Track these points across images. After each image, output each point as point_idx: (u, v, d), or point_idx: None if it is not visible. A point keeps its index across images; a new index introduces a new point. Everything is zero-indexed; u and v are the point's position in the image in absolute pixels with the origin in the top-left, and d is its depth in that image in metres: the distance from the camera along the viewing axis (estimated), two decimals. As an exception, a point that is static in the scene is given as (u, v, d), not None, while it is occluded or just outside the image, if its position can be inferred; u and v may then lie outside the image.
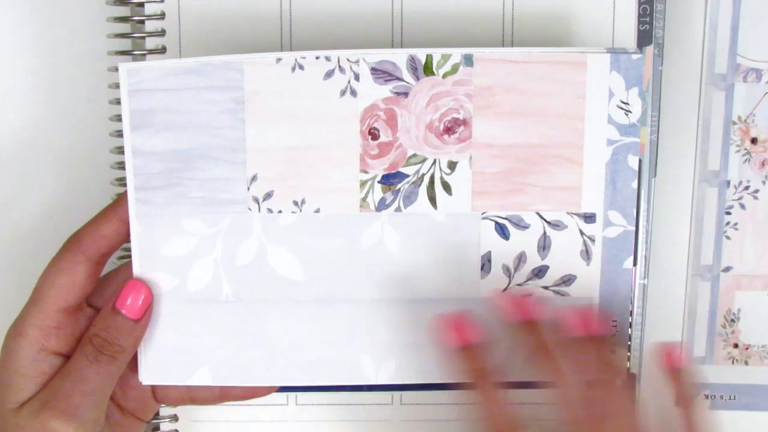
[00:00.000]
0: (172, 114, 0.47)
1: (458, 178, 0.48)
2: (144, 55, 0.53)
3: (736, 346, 0.58)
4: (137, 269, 0.49)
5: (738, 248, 0.57)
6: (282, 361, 0.50)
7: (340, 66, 0.47)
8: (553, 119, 0.48)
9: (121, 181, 0.55)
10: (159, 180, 0.48)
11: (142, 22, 0.53)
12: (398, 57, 0.47)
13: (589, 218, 0.48)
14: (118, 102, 0.54)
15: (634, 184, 0.48)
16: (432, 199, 0.49)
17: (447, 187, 0.49)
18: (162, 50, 0.53)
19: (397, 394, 0.57)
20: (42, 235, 0.57)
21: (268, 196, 0.48)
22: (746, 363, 0.58)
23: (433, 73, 0.47)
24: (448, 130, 0.48)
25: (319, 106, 0.48)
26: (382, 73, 0.47)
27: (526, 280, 0.49)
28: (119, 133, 0.55)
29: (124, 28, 0.54)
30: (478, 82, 0.47)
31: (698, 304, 0.58)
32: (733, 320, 0.58)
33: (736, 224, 0.57)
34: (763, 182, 0.57)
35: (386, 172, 0.48)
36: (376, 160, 0.48)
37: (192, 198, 0.48)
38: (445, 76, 0.47)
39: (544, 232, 0.49)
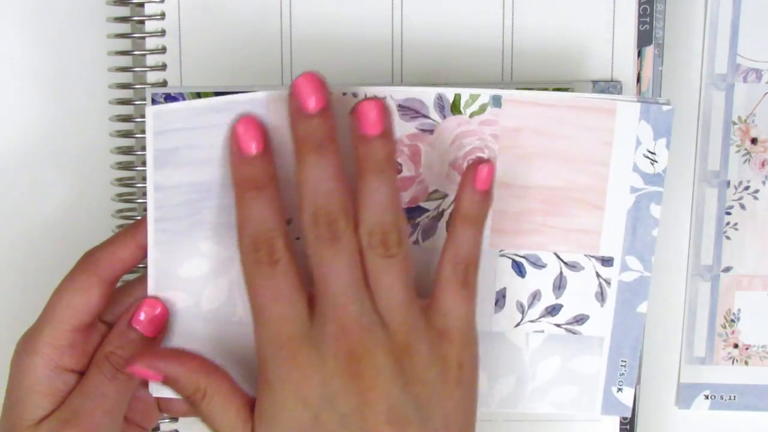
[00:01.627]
0: (195, 150, 0.46)
1: None
2: (144, 55, 0.53)
3: (736, 346, 0.58)
4: (152, 289, 0.48)
5: (738, 248, 0.57)
6: None
7: None
8: (578, 163, 0.47)
9: (121, 181, 0.55)
10: (179, 210, 0.47)
11: (142, 22, 0.53)
12: (426, 95, 0.46)
13: (607, 261, 0.48)
14: (118, 102, 0.55)
15: (655, 233, 0.47)
16: None
17: None
18: (162, 50, 0.53)
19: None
20: (42, 235, 0.57)
21: (287, 223, 0.47)
22: (746, 363, 0.58)
23: (460, 112, 0.46)
24: None
25: (344, 139, 0.46)
26: (408, 110, 0.46)
27: (540, 317, 0.49)
28: (119, 133, 0.55)
29: (124, 28, 0.54)
30: (505, 123, 0.47)
31: (698, 304, 0.58)
32: (733, 320, 0.58)
33: (736, 224, 0.57)
34: (763, 182, 0.57)
35: (407, 206, 0.48)
36: None
37: (210, 223, 0.47)
38: (472, 115, 0.46)
39: (561, 273, 0.48)
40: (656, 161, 0.47)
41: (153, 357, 0.46)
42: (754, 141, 0.56)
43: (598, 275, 0.48)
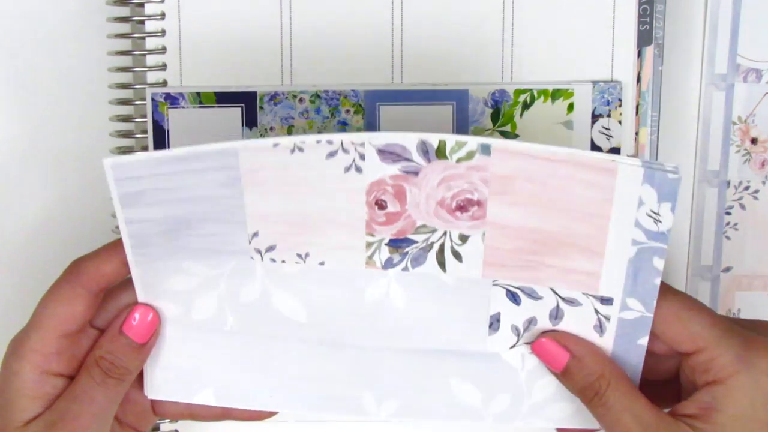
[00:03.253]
0: (164, 191, 0.45)
1: (470, 249, 0.46)
2: (144, 55, 0.53)
3: (735, 346, 0.58)
4: (141, 299, 0.48)
5: (738, 248, 0.57)
6: (285, 391, 0.50)
7: (343, 148, 0.44)
8: (576, 213, 0.44)
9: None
10: (156, 239, 0.46)
11: (142, 22, 0.53)
12: (408, 140, 0.43)
13: (606, 301, 0.46)
14: (118, 102, 0.55)
15: (657, 281, 0.44)
16: (441, 264, 0.46)
17: (457, 256, 0.46)
18: (162, 50, 0.53)
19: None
20: (42, 235, 0.57)
21: (271, 248, 0.47)
22: (746, 363, 0.58)
23: (446, 158, 0.43)
24: (461, 208, 0.45)
25: (322, 180, 0.44)
26: (389, 155, 0.44)
27: (536, 340, 0.48)
28: (119, 133, 0.55)
29: (124, 28, 0.54)
30: (495, 171, 0.43)
31: (698, 304, 0.58)
32: (732, 320, 0.58)
33: (736, 224, 0.57)
34: (763, 182, 0.57)
35: (394, 237, 0.46)
36: (383, 227, 0.46)
37: (192, 249, 0.47)
38: (459, 161, 0.43)
39: (558, 305, 0.47)
40: (660, 221, 0.43)
41: (560, 334, 0.47)
42: (754, 141, 0.56)
43: (596, 311, 0.46)
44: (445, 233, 0.46)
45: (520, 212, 0.44)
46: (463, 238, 0.46)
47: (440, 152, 0.43)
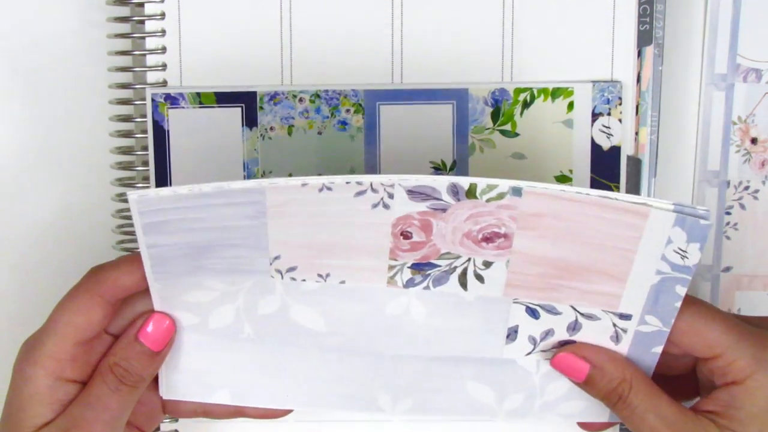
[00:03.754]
0: (188, 221, 0.45)
1: (493, 273, 0.46)
2: (144, 55, 0.53)
3: (736, 346, 0.58)
4: (158, 308, 0.48)
5: (738, 248, 0.57)
6: (301, 391, 0.50)
7: (372, 188, 0.44)
8: (603, 247, 0.44)
9: (121, 181, 0.55)
10: (176, 262, 0.46)
11: (142, 22, 0.53)
12: (438, 183, 0.43)
13: (625, 317, 0.46)
14: (118, 102, 0.55)
15: (678, 304, 0.45)
16: (463, 284, 0.47)
17: (480, 278, 0.47)
18: (162, 50, 0.53)
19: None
20: (42, 235, 0.57)
21: (292, 269, 0.47)
22: (746, 363, 0.58)
23: (476, 197, 0.44)
24: (487, 240, 0.45)
25: (349, 214, 0.44)
26: (419, 195, 0.44)
27: (551, 348, 0.49)
28: (119, 133, 0.55)
29: (124, 28, 0.54)
30: (524, 209, 0.44)
31: (698, 304, 0.57)
32: (733, 320, 0.58)
33: (736, 224, 0.57)
34: (763, 182, 0.57)
35: (417, 261, 0.46)
36: (407, 253, 0.46)
37: (213, 270, 0.47)
38: (489, 201, 0.44)
39: (576, 320, 0.47)
40: (687, 257, 0.44)
41: (578, 346, 0.48)
42: (754, 141, 0.56)
43: (614, 325, 0.47)
44: (469, 259, 0.46)
45: (547, 244, 0.45)
46: (487, 264, 0.46)
47: (470, 193, 0.44)
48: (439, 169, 0.54)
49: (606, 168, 0.53)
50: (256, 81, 0.54)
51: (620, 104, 0.53)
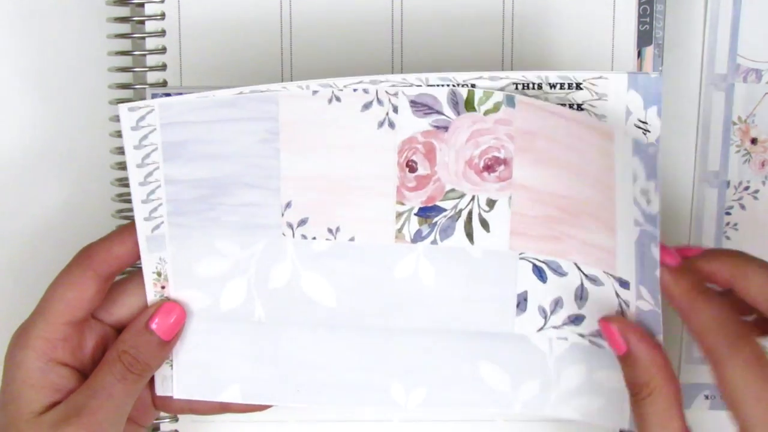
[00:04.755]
0: (204, 144, 0.47)
1: (497, 216, 0.48)
2: (144, 55, 0.53)
3: (736, 346, 0.58)
4: (172, 288, 0.49)
5: (738, 248, 0.57)
6: (311, 383, 0.50)
7: (378, 98, 0.47)
8: (589, 179, 0.46)
9: (121, 181, 0.55)
10: (192, 206, 0.48)
11: (142, 22, 0.53)
12: (439, 91, 0.46)
13: (624, 284, 0.47)
14: (118, 102, 0.54)
15: (657, 273, 0.45)
16: (469, 235, 0.48)
17: (485, 224, 0.48)
18: (162, 50, 0.53)
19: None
20: (42, 235, 0.57)
21: (303, 222, 0.48)
22: (746, 363, 0.58)
23: (474, 109, 0.46)
24: (488, 168, 0.47)
25: (356, 136, 0.47)
26: (421, 106, 0.47)
27: (562, 324, 0.49)
28: (119, 134, 0.55)
29: (124, 28, 0.54)
30: (519, 125, 0.46)
31: (698, 304, 0.57)
32: (733, 320, 0.58)
33: (736, 224, 0.57)
34: (763, 182, 0.57)
35: (423, 205, 0.48)
36: (413, 192, 0.48)
37: (225, 222, 0.48)
38: (486, 113, 0.46)
39: (582, 284, 0.48)
40: (648, 130, 0.46)
41: (627, 325, 0.46)
42: (754, 141, 0.56)
43: (617, 295, 0.47)
44: (473, 198, 0.47)
45: (543, 173, 0.46)
46: (491, 203, 0.47)
47: (469, 103, 0.46)
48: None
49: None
50: (256, 81, 0.53)
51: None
